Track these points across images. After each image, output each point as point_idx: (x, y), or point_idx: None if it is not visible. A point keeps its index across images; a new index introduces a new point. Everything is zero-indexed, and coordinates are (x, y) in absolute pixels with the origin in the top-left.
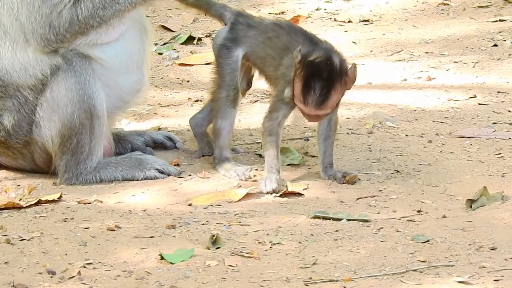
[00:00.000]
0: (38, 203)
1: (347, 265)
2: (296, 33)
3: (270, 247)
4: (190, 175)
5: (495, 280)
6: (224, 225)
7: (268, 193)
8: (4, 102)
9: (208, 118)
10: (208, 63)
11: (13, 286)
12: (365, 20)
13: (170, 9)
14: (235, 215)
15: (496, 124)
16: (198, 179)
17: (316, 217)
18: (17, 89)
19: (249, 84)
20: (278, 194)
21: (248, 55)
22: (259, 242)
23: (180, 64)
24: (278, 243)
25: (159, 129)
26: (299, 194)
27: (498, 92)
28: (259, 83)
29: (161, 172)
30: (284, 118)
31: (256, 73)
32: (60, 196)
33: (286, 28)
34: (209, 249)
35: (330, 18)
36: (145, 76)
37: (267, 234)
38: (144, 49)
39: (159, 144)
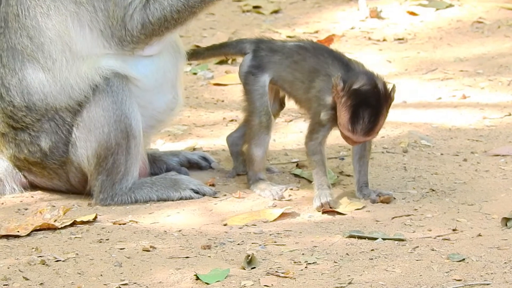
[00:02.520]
0: (73, 224)
1: (383, 285)
2: (323, 53)
3: (306, 267)
4: (225, 195)
5: None
6: (260, 245)
7: (321, 208)
8: (42, 124)
9: (243, 138)
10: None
11: None
12: (400, 39)
13: (204, 29)
14: (270, 235)
15: None
16: (233, 199)
17: (351, 236)
18: (56, 111)
19: (281, 105)
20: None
21: (275, 80)
22: (295, 262)
23: (215, 84)
24: (314, 262)
25: (194, 149)
26: (338, 213)
27: None
28: (292, 102)
29: (196, 192)
30: (325, 138)
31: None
32: (95, 217)
33: (311, 49)
34: (244, 269)
35: (365, 37)
36: (179, 95)
37: (303, 254)
38: (177, 68)
39: (194, 164)
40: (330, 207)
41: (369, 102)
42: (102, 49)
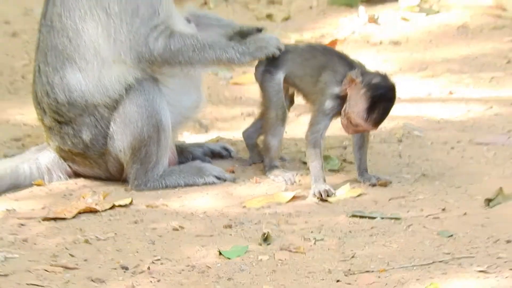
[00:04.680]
0: (112, 207)
1: (381, 258)
2: (331, 53)
3: (314, 243)
4: (243, 180)
5: (510, 269)
6: (274, 224)
7: (317, 196)
8: (83, 119)
9: (258, 131)
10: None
11: (91, 280)
12: (394, 42)
13: None
14: (283, 215)
15: (510, 131)
16: (251, 184)
17: (353, 216)
18: (95, 107)
19: (291, 101)
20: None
21: (288, 76)
22: (305, 239)
23: (234, 83)
24: (321, 239)
25: (217, 141)
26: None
27: None
28: (301, 99)
29: (218, 178)
30: (325, 129)
31: (295, 92)
32: (131, 201)
33: (320, 49)
34: (261, 245)
35: (364, 41)
36: (203, 94)
37: (311, 232)
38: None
39: (216, 154)
40: (325, 196)
41: (386, 97)
42: (119, 58)
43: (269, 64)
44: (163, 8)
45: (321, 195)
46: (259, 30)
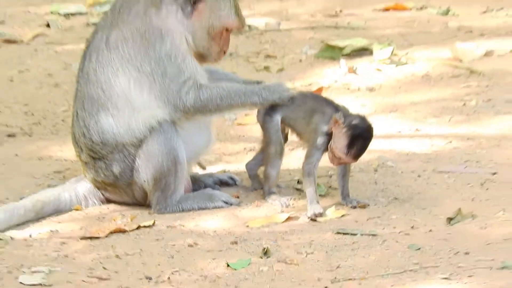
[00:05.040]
0: (138, 228)
1: (362, 268)
2: (319, 98)
3: (306, 256)
4: (246, 204)
5: (468, 276)
6: (272, 240)
7: (314, 217)
8: (114, 155)
9: (259, 163)
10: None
11: None
12: (370, 88)
13: None
14: (280, 233)
15: (467, 162)
16: (253, 207)
17: (338, 233)
18: (124, 146)
19: (286, 139)
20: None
21: (284, 119)
22: (298, 252)
23: (238, 124)
24: (311, 253)
25: (224, 171)
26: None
27: (468, 139)
28: (294, 137)
29: (226, 203)
30: (318, 162)
31: (289, 131)
32: (154, 222)
33: (310, 96)
34: (262, 258)
35: (345, 88)
36: (212, 135)
37: (303, 247)
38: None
39: (224, 182)
40: (319, 216)
41: (364, 135)
42: (156, 108)
43: (269, 109)
44: (187, 66)
45: (315, 215)
46: (259, 82)
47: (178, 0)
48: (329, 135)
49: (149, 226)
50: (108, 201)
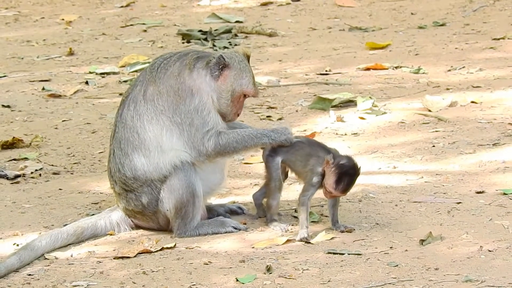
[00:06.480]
0: (162, 249)
1: (349, 281)
2: (313, 144)
3: (302, 272)
4: (253, 229)
5: None
6: (274, 259)
7: (302, 240)
8: (143, 188)
9: (263, 195)
10: (261, 162)
11: None
12: (355, 133)
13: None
14: (280, 253)
15: (436, 193)
16: (258, 232)
17: (329, 252)
18: (152, 181)
19: (286, 176)
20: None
21: (284, 160)
22: (295, 269)
23: (245, 163)
24: (307, 269)
25: (233, 202)
26: (311, 243)
27: (436, 174)
28: (293, 174)
29: (235, 228)
30: (312, 195)
31: (289, 170)
32: (175, 245)
33: (306, 142)
34: (265, 274)
35: (334, 133)
36: (225, 174)
37: (300, 264)
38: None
39: (233, 211)
40: (307, 240)
41: (349, 173)
42: (182, 152)
43: (271, 151)
44: (211, 118)
45: (301, 239)
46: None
47: (209, 64)
48: (323, 175)
49: (171, 248)
50: (137, 227)
